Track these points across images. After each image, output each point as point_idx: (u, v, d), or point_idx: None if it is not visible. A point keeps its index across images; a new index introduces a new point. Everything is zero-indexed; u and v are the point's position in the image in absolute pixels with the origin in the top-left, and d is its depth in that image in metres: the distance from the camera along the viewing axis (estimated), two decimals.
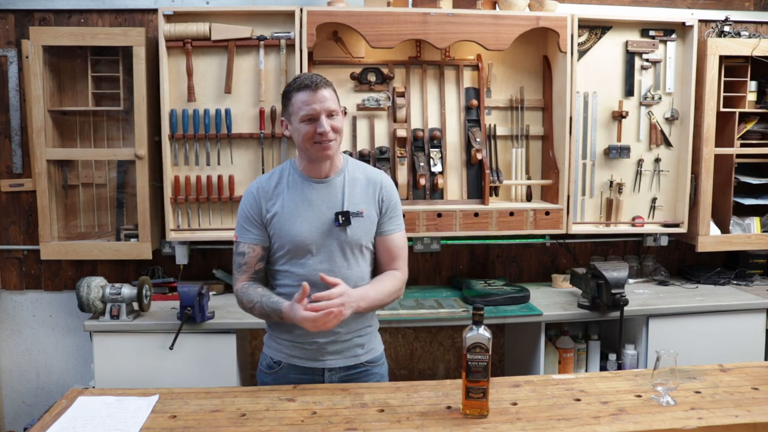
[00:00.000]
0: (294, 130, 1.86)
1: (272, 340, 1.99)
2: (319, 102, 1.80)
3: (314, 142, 1.81)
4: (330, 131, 1.81)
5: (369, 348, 1.99)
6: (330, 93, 1.83)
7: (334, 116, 1.83)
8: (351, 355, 1.95)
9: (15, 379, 3.21)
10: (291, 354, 1.94)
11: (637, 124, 3.11)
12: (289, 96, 1.85)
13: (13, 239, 3.14)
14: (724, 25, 3.24)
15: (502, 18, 2.87)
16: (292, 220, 1.87)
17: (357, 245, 1.90)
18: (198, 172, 2.92)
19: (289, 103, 1.85)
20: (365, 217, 1.90)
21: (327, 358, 1.92)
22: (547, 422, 1.60)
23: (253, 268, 1.93)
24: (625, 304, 2.70)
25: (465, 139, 3.06)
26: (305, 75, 1.85)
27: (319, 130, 1.80)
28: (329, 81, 1.86)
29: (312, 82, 1.81)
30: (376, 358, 2.01)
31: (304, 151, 1.86)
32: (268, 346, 2.01)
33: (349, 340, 1.94)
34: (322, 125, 1.80)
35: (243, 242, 1.92)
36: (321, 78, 1.84)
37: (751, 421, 1.61)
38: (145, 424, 1.60)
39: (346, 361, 1.94)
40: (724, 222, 3.22)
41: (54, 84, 2.92)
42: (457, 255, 3.36)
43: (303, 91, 1.81)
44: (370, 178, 1.96)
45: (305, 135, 1.82)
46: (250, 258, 1.92)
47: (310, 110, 1.80)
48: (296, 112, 1.82)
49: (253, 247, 1.91)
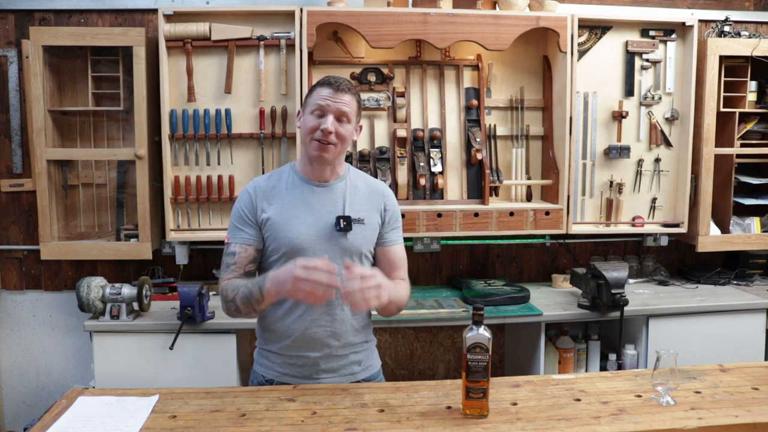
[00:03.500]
0: (302, 123, 1.82)
1: (262, 356, 1.90)
2: (334, 101, 1.76)
3: (314, 138, 1.77)
4: (333, 132, 1.75)
5: (366, 365, 1.92)
6: (350, 99, 1.79)
7: (343, 121, 1.78)
8: (347, 372, 1.87)
9: (15, 379, 3.21)
10: (283, 372, 1.85)
11: (637, 124, 3.11)
12: (312, 88, 1.82)
13: (13, 239, 3.14)
14: (724, 25, 3.24)
15: (502, 18, 2.87)
16: (290, 221, 1.80)
17: (357, 253, 1.83)
18: (198, 172, 2.92)
19: (309, 94, 1.82)
20: (366, 224, 1.84)
21: (322, 376, 1.84)
22: (547, 422, 1.59)
23: (242, 269, 1.82)
24: (625, 304, 2.70)
25: (465, 139, 3.06)
26: (336, 77, 1.81)
27: (322, 126, 1.75)
28: (357, 92, 1.83)
29: (336, 82, 1.78)
30: (372, 376, 1.94)
31: (303, 145, 1.82)
32: (258, 363, 1.91)
33: (345, 356, 1.86)
34: (326, 122, 1.75)
35: (234, 242, 1.83)
36: (349, 84, 1.80)
37: (751, 421, 1.60)
38: (145, 424, 1.60)
39: (342, 380, 1.86)
40: (724, 222, 3.22)
41: (54, 84, 2.92)
42: (457, 255, 3.36)
43: (325, 87, 1.78)
44: (373, 187, 1.92)
45: (309, 127, 1.78)
46: (241, 258, 1.82)
47: (324, 104, 1.76)
48: (310, 103, 1.79)
49: (245, 247, 1.82)
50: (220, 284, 1.83)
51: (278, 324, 1.84)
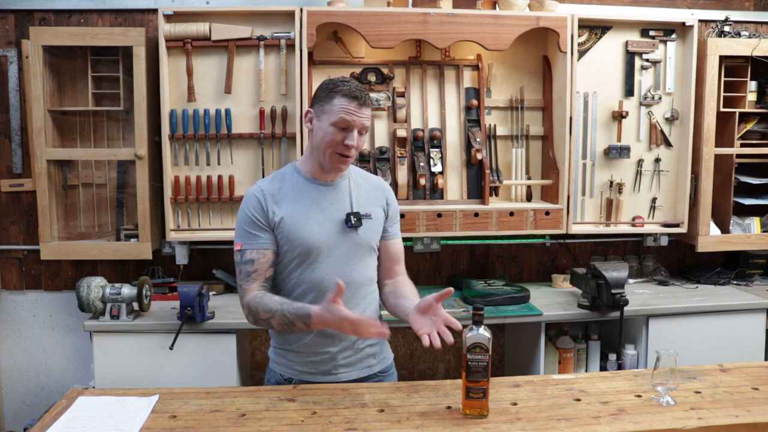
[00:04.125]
0: (320, 129, 1.79)
1: (280, 355, 1.91)
2: (359, 116, 1.77)
3: (336, 152, 1.78)
4: (355, 147, 1.79)
5: (381, 357, 1.97)
6: (369, 113, 1.81)
7: (362, 135, 1.81)
8: (364, 366, 1.92)
9: (15, 379, 3.21)
10: (302, 370, 1.87)
11: (637, 124, 3.11)
12: (331, 95, 1.77)
13: (13, 239, 3.14)
14: (724, 25, 3.24)
15: (502, 18, 2.87)
16: (303, 222, 1.81)
17: (368, 247, 1.89)
18: (198, 172, 2.92)
19: (328, 101, 1.77)
20: (373, 219, 1.90)
21: (340, 371, 1.88)
22: (547, 422, 1.59)
23: (264, 275, 1.81)
24: (625, 304, 2.70)
25: (465, 139, 3.06)
26: (356, 84, 1.79)
27: (349, 142, 1.76)
28: (373, 103, 1.86)
29: (362, 95, 1.77)
30: (387, 368, 1.99)
31: (319, 153, 1.80)
32: (276, 362, 1.92)
33: (362, 350, 1.91)
34: (353, 138, 1.76)
35: (250, 249, 1.80)
36: (369, 96, 1.81)
37: (751, 421, 1.60)
38: (145, 424, 1.60)
39: (359, 373, 1.90)
40: (724, 222, 3.22)
41: (54, 84, 2.92)
42: (457, 255, 3.36)
43: (351, 100, 1.76)
44: (374, 183, 1.98)
45: (331, 140, 1.77)
46: (261, 264, 1.80)
47: (350, 119, 1.75)
48: (332, 113, 1.76)
49: (263, 253, 1.80)
50: (244, 297, 1.81)
51: None
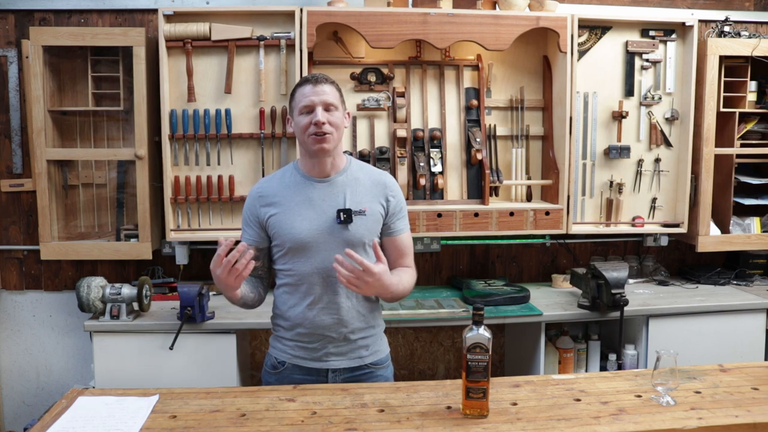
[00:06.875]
0: (295, 125, 1.91)
1: (277, 340, 2.01)
2: (317, 95, 1.86)
3: (310, 134, 1.85)
4: (326, 123, 1.84)
5: (374, 350, 2.00)
6: (330, 89, 1.89)
7: (331, 110, 1.88)
8: (355, 356, 1.96)
9: (15, 379, 3.21)
10: (295, 354, 1.96)
11: (637, 124, 3.11)
12: (293, 93, 1.92)
13: (13, 239, 3.14)
14: (724, 25, 3.24)
15: (502, 18, 2.87)
16: (292, 218, 1.90)
17: (359, 243, 1.91)
18: (198, 172, 2.92)
19: (293, 98, 1.92)
20: (368, 215, 1.92)
21: (331, 359, 1.94)
22: (547, 422, 1.60)
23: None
24: (625, 304, 2.70)
25: (465, 139, 3.06)
26: (313, 74, 1.91)
27: (314, 120, 1.84)
28: (333, 81, 1.91)
29: (313, 77, 1.89)
30: (380, 360, 2.01)
31: (302, 145, 1.92)
32: (272, 346, 2.03)
33: (353, 342, 1.95)
34: (317, 115, 1.84)
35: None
36: (324, 76, 1.91)
37: (751, 421, 1.61)
38: (145, 424, 1.60)
39: (350, 362, 1.95)
40: (724, 222, 3.22)
41: (54, 84, 2.92)
42: (457, 255, 3.36)
43: (304, 85, 1.88)
44: (375, 178, 1.99)
45: (303, 126, 1.87)
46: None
47: (308, 101, 1.85)
48: (297, 105, 1.89)
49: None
50: None
51: (290, 313, 1.95)
